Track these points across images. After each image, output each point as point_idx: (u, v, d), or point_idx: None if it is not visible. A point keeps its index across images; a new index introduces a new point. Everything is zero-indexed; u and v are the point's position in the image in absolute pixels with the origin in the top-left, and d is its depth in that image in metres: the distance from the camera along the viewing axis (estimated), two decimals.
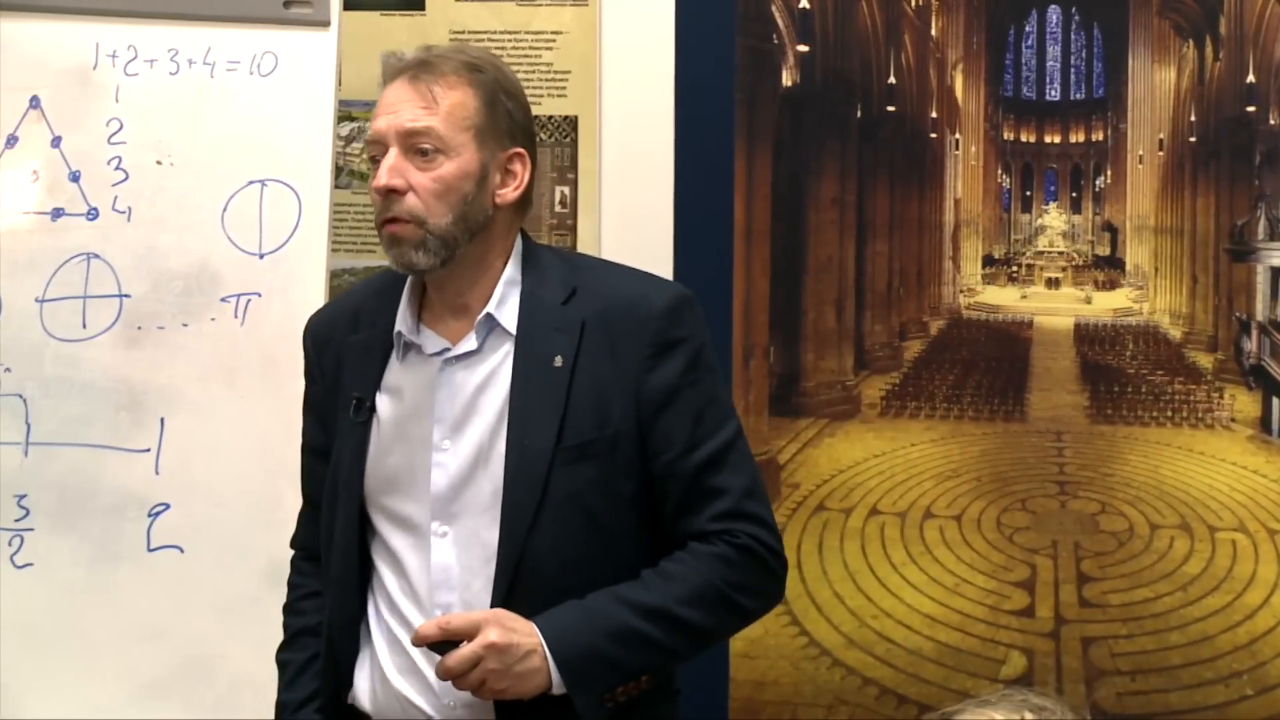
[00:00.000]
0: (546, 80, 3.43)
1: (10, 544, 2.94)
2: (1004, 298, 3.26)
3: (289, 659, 2.53)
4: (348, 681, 2.42)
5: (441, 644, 2.23)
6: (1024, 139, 3.25)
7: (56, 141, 3.06)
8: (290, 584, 2.60)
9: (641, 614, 2.29)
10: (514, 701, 2.27)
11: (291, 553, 2.62)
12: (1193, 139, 3.12)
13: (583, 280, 2.40)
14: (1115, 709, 3.13)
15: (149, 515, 2.95)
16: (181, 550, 2.96)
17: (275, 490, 2.94)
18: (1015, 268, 3.25)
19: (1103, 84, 3.20)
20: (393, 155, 2.32)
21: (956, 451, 3.24)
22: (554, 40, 3.37)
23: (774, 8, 3.27)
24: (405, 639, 2.35)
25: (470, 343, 2.37)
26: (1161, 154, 3.14)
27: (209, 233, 3.02)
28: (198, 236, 3.02)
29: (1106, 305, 3.20)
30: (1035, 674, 3.17)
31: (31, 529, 2.95)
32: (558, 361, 2.34)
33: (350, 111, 3.46)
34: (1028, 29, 3.23)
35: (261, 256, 3.01)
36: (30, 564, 2.95)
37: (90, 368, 2.98)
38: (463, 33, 3.42)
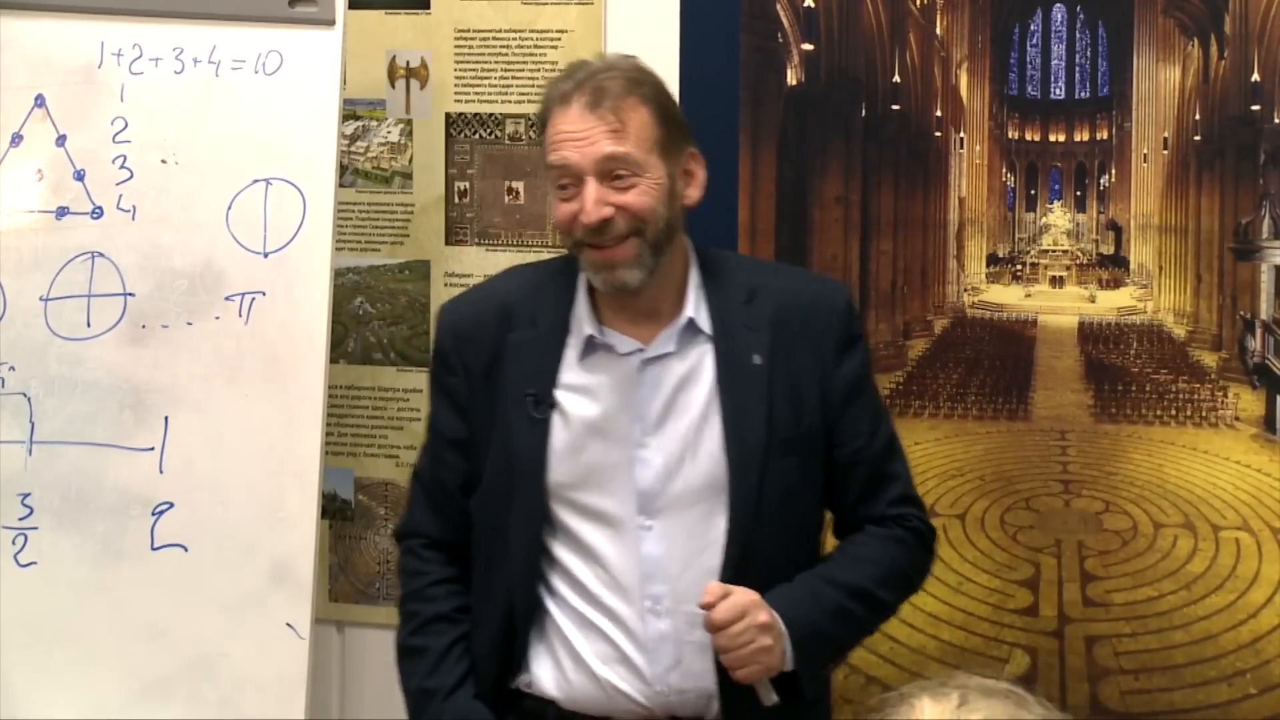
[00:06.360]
0: (552, 79, 3.42)
1: (14, 543, 2.95)
2: (1008, 296, 3.25)
3: (426, 645, 2.56)
4: (517, 667, 2.50)
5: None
6: (1028, 138, 3.25)
7: (61, 140, 3.06)
8: (411, 571, 2.62)
9: (848, 593, 2.46)
10: (736, 684, 2.38)
11: (408, 541, 2.64)
12: (1197, 138, 3.12)
13: (756, 280, 2.52)
14: (1119, 707, 3.13)
15: (153, 514, 2.96)
16: (185, 549, 2.96)
17: (279, 489, 2.95)
18: (1019, 266, 3.25)
19: (1107, 83, 3.19)
20: (592, 187, 2.37)
21: (960, 450, 3.24)
22: (559, 39, 3.37)
23: (779, 6, 3.27)
24: (610, 628, 2.45)
25: (668, 344, 2.46)
26: (1166, 153, 3.14)
27: (213, 231, 3.03)
28: (202, 235, 3.03)
29: (1110, 304, 3.20)
30: (1039, 673, 3.17)
31: (35, 527, 2.96)
32: (757, 360, 2.45)
33: (355, 110, 3.46)
34: (1032, 28, 3.23)
35: (266, 255, 3.01)
36: (34, 562, 2.96)
37: (94, 366, 2.99)
38: (468, 31, 3.42)
